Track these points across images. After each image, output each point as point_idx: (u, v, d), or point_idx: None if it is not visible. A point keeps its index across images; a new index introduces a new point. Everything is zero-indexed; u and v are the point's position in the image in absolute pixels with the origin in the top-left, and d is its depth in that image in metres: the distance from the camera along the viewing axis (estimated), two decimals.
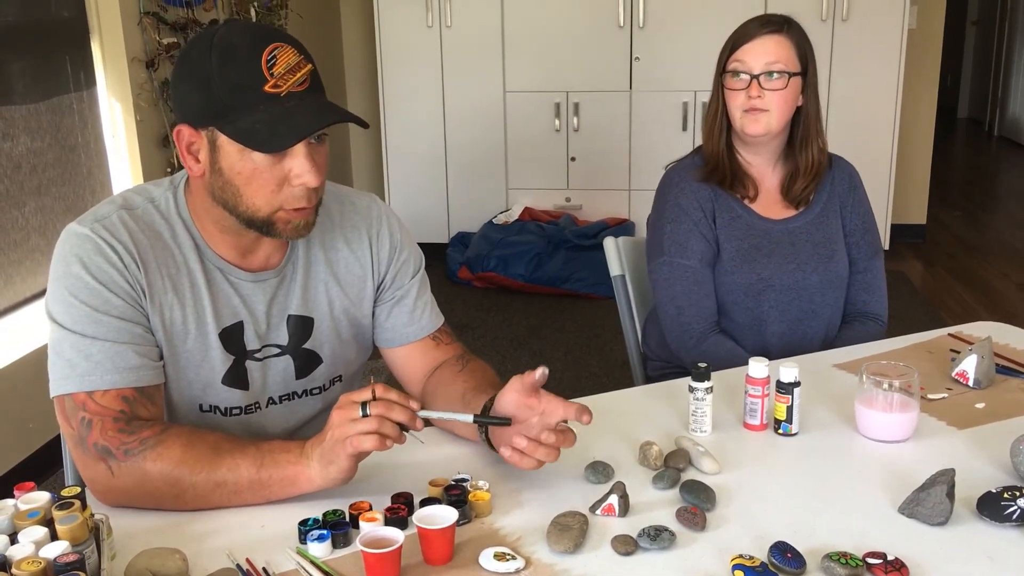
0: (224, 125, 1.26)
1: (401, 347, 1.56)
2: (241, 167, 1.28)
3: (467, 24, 4.98)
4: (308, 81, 1.28)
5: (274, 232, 1.33)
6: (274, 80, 1.25)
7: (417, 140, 5.19)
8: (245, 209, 1.31)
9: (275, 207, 1.30)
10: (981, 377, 1.63)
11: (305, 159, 1.27)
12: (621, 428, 1.50)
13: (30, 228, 3.11)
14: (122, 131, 3.57)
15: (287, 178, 1.29)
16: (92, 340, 1.28)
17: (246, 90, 1.24)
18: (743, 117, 1.90)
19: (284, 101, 1.25)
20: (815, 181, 1.98)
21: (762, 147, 1.97)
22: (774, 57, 1.87)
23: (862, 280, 2.04)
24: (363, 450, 1.21)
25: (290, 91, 1.26)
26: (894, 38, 4.73)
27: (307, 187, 1.29)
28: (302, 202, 1.31)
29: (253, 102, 1.24)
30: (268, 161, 1.27)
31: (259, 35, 1.27)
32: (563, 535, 1.17)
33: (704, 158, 2.01)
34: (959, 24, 9.68)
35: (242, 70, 1.24)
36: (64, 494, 1.07)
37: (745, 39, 1.90)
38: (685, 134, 4.95)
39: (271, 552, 1.17)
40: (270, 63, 1.25)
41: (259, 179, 1.28)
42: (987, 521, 1.21)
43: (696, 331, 1.95)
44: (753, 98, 1.87)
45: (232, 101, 1.25)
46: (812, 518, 1.24)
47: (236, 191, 1.30)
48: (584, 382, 3.68)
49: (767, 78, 1.87)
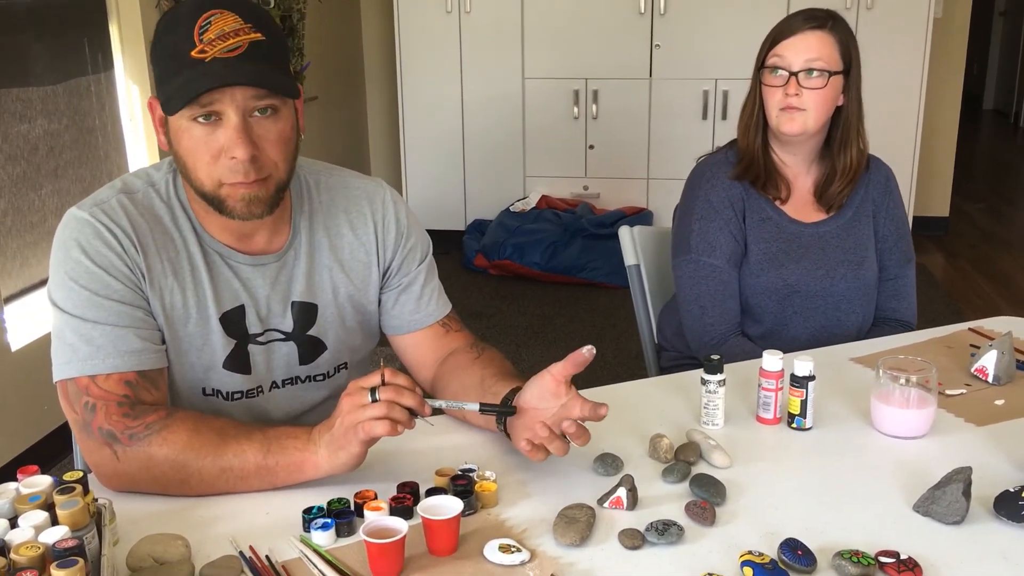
0: (159, 93, 1.27)
1: (409, 334, 1.54)
2: (180, 137, 1.27)
3: (486, 10, 4.95)
4: (243, 48, 1.23)
5: (225, 209, 1.30)
6: (201, 46, 1.22)
7: (435, 127, 5.17)
8: (195, 183, 1.30)
9: (216, 181, 1.28)
10: (1001, 373, 1.60)
11: (233, 130, 1.24)
12: (631, 420, 1.48)
13: (47, 210, 3.12)
14: (139, 114, 3.58)
15: (222, 150, 1.26)
16: (93, 324, 1.27)
17: (174, 57, 1.24)
18: (779, 115, 1.84)
19: (207, 66, 1.22)
20: (851, 185, 1.92)
21: (798, 147, 1.91)
22: (815, 54, 1.80)
23: (892, 287, 1.99)
24: (375, 435, 1.20)
25: (216, 57, 1.22)
26: (919, 27, 4.66)
27: (239, 160, 1.25)
28: (238, 176, 1.26)
29: (179, 68, 1.23)
30: (203, 131, 1.25)
31: (203, 3, 1.25)
32: (569, 528, 1.15)
33: (738, 155, 1.95)
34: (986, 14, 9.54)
35: (175, 37, 1.24)
36: (66, 478, 1.06)
37: (786, 34, 1.82)
38: (705, 123, 4.90)
39: (275, 540, 1.16)
40: (203, 29, 1.23)
41: (196, 150, 1.27)
42: (1004, 521, 1.19)
43: (718, 332, 1.91)
44: (790, 96, 1.81)
45: (163, 68, 1.26)
46: (824, 515, 1.22)
47: (183, 164, 1.30)
48: (598, 372, 3.65)
49: (806, 76, 1.80)
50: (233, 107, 1.24)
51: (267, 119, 1.27)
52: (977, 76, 9.88)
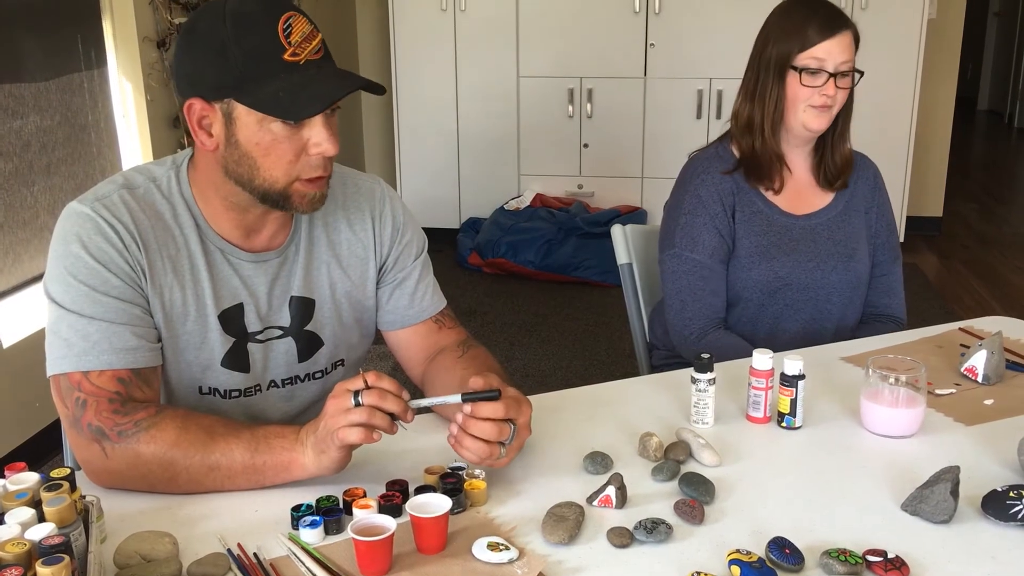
0: (242, 96, 1.25)
1: (402, 330, 1.55)
2: (260, 138, 1.27)
3: (481, 8, 4.95)
4: (323, 49, 1.28)
5: (289, 205, 1.32)
6: (292, 48, 1.24)
7: (430, 125, 5.17)
8: (262, 182, 1.30)
9: (292, 177, 1.29)
10: (990, 373, 1.60)
11: (323, 128, 1.27)
12: (622, 418, 1.48)
13: (39, 207, 3.11)
14: (132, 111, 3.57)
15: (305, 147, 1.28)
16: (90, 320, 1.27)
17: (265, 59, 1.23)
18: (808, 112, 1.86)
19: (304, 69, 1.25)
20: (850, 168, 1.98)
21: (806, 141, 1.95)
22: (848, 55, 1.85)
23: (884, 283, 2.02)
24: (349, 443, 1.19)
25: (308, 59, 1.25)
26: (913, 28, 4.67)
27: (324, 156, 1.29)
28: (319, 171, 1.30)
29: (273, 71, 1.23)
30: (287, 131, 1.26)
31: (271, 3, 1.26)
32: (558, 526, 1.15)
33: (738, 152, 1.95)
34: (981, 15, 9.56)
35: (260, 39, 1.23)
36: (53, 475, 1.06)
37: (819, 36, 1.83)
38: (700, 122, 4.91)
39: (263, 537, 1.16)
40: (287, 31, 1.24)
41: (278, 149, 1.27)
42: (991, 520, 1.19)
43: (697, 327, 1.92)
44: (829, 96, 1.84)
45: (251, 71, 1.24)
46: (813, 514, 1.22)
47: (253, 163, 1.29)
48: (592, 370, 3.67)
49: (842, 77, 1.85)
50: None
51: (334, 116, 1.31)
52: (971, 77, 9.90)
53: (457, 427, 1.23)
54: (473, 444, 1.21)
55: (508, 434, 1.23)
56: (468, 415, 1.22)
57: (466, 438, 1.22)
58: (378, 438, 1.20)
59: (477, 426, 1.21)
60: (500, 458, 1.23)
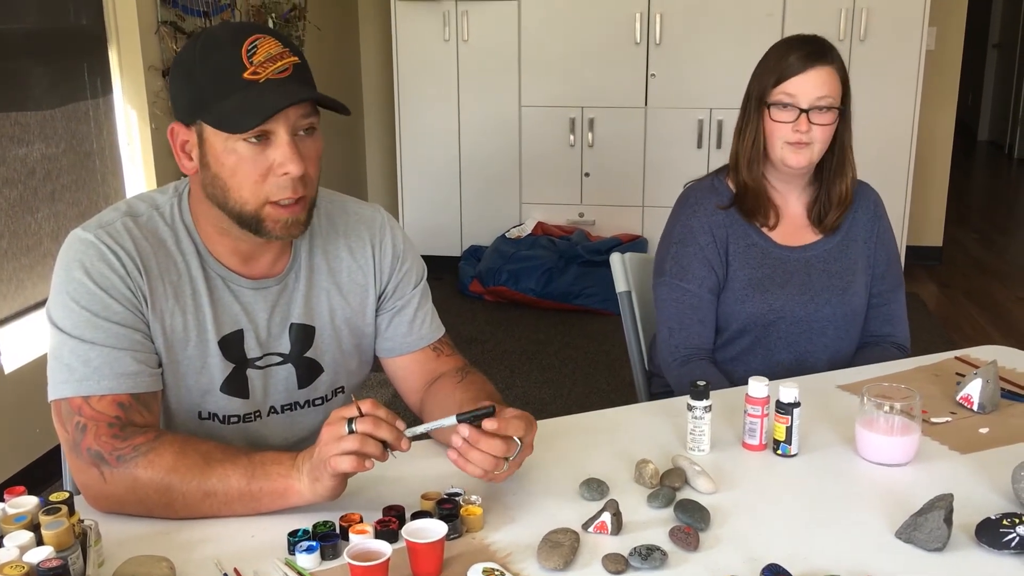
0: (206, 116, 1.28)
1: (400, 357, 1.55)
2: (225, 159, 1.28)
3: (484, 38, 5.00)
4: (290, 70, 1.28)
5: (263, 230, 1.32)
6: (253, 68, 1.25)
7: (432, 153, 5.20)
8: (234, 204, 1.31)
9: (261, 200, 1.30)
10: (986, 402, 1.61)
11: (287, 147, 1.27)
12: (618, 445, 1.49)
13: (43, 234, 3.14)
14: (137, 139, 3.60)
15: (271, 168, 1.28)
16: (91, 345, 1.28)
17: (225, 77, 1.25)
18: (785, 148, 1.85)
19: (262, 87, 1.25)
20: (848, 209, 1.95)
21: (795, 177, 1.93)
22: (824, 91, 1.82)
23: (885, 312, 2.00)
24: (340, 471, 1.20)
25: (269, 78, 1.26)
26: (912, 59, 4.71)
27: (291, 177, 1.28)
28: (287, 192, 1.29)
29: (232, 89, 1.25)
30: (251, 151, 1.27)
31: (243, 28, 1.29)
32: (553, 552, 1.16)
33: (730, 184, 1.96)
34: (980, 46, 9.63)
35: (222, 59, 1.26)
36: (52, 499, 1.07)
37: (794, 71, 1.82)
38: (700, 151, 4.94)
39: (259, 562, 1.16)
40: (250, 52, 1.26)
41: (243, 169, 1.28)
42: (985, 548, 1.19)
43: (681, 354, 1.93)
44: (801, 132, 1.82)
45: (213, 90, 1.26)
46: (807, 541, 1.23)
47: (223, 184, 1.30)
48: (592, 398, 3.67)
49: (816, 112, 1.82)
50: (285, 126, 1.27)
51: (309, 138, 1.31)
52: (971, 107, 9.95)
53: (461, 441, 1.23)
54: (480, 458, 1.22)
55: (514, 451, 1.24)
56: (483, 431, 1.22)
57: (473, 452, 1.22)
58: (370, 466, 1.20)
59: (487, 442, 1.22)
60: (500, 472, 1.24)
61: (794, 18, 4.65)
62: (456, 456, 1.23)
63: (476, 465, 1.23)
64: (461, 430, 1.23)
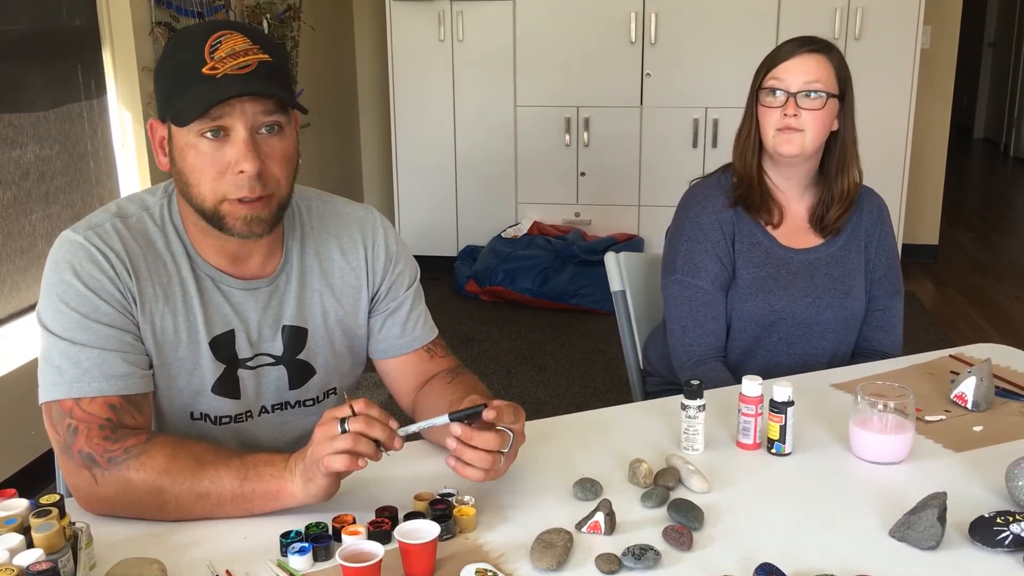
0: (167, 110, 1.28)
1: (393, 358, 1.55)
2: (187, 154, 1.28)
3: (479, 38, 5.00)
4: (253, 67, 1.26)
5: (225, 227, 1.31)
6: (212, 63, 1.25)
7: (428, 153, 5.20)
8: (197, 201, 1.30)
9: (219, 197, 1.29)
10: (980, 399, 1.61)
11: (243, 144, 1.26)
12: (612, 445, 1.48)
13: (37, 235, 3.13)
14: (131, 139, 3.59)
15: (228, 165, 1.28)
16: (81, 347, 1.28)
17: (185, 72, 1.26)
18: (776, 136, 1.84)
19: (218, 82, 1.24)
20: (848, 210, 1.93)
21: (793, 170, 1.92)
22: (813, 76, 1.82)
23: (880, 318, 1.99)
24: (334, 470, 1.19)
25: (227, 73, 1.24)
26: (907, 58, 4.71)
27: (247, 175, 1.27)
28: (243, 191, 1.28)
29: (190, 83, 1.25)
30: (210, 147, 1.27)
31: (213, 25, 1.28)
32: (546, 552, 1.16)
33: (733, 178, 1.96)
34: (976, 45, 9.65)
35: (185, 55, 1.26)
36: (42, 502, 1.07)
37: (784, 57, 1.84)
38: (696, 151, 4.94)
39: (251, 564, 1.16)
40: (213, 48, 1.25)
41: (201, 166, 1.28)
42: (979, 546, 1.19)
43: (696, 353, 1.92)
44: (789, 116, 1.82)
45: (174, 85, 1.27)
46: (801, 540, 1.22)
47: (186, 180, 1.30)
48: (588, 398, 3.67)
49: (805, 97, 1.82)
50: (242, 122, 1.26)
51: (273, 136, 1.30)
52: (967, 106, 9.97)
53: (456, 443, 1.22)
54: (478, 457, 1.21)
55: (508, 442, 1.24)
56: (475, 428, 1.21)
57: (468, 452, 1.21)
58: (364, 465, 1.20)
59: (480, 437, 1.21)
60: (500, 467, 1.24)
61: (789, 17, 4.66)
62: (455, 463, 1.23)
63: (476, 467, 1.22)
64: (454, 429, 1.23)
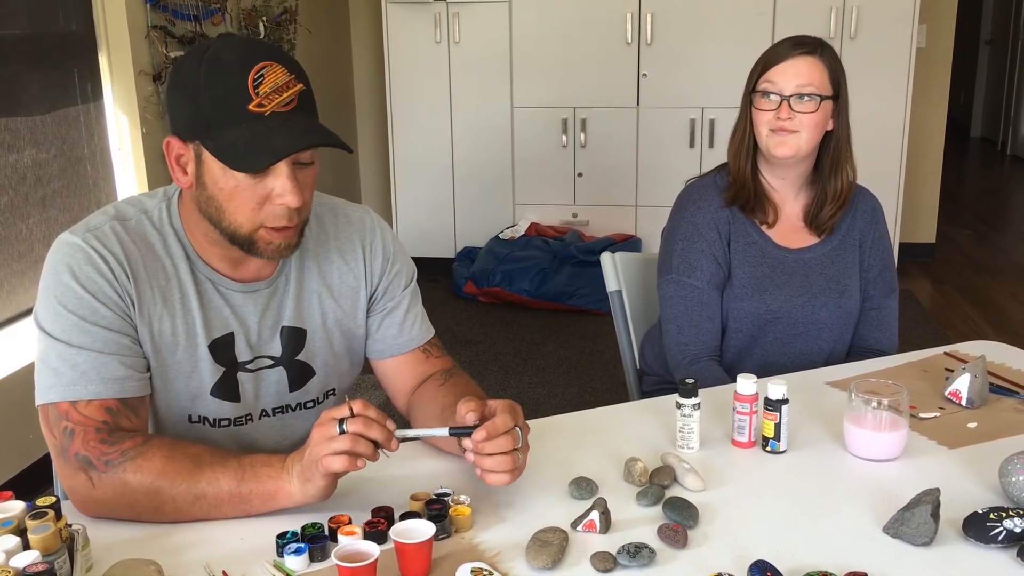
0: (207, 140, 1.27)
1: (390, 359, 1.56)
2: (223, 183, 1.28)
3: (475, 40, 5.00)
4: (295, 102, 1.27)
5: (255, 251, 1.33)
6: (259, 99, 1.24)
7: (425, 155, 5.20)
8: (228, 225, 1.31)
9: (256, 225, 1.30)
10: (974, 396, 1.61)
11: (287, 179, 1.27)
12: (607, 444, 1.49)
13: (34, 240, 3.13)
14: (128, 144, 3.60)
15: (269, 197, 1.28)
16: (78, 350, 1.28)
17: (230, 107, 1.24)
18: (770, 137, 1.85)
19: (267, 121, 1.24)
20: (842, 209, 1.94)
21: (788, 171, 1.92)
22: (806, 79, 1.83)
23: (875, 317, 2.00)
24: (332, 471, 1.20)
25: (275, 111, 1.25)
26: (902, 57, 4.72)
27: (288, 207, 1.29)
28: (283, 220, 1.30)
29: (236, 120, 1.24)
30: (250, 179, 1.27)
31: (250, 51, 1.27)
32: (542, 551, 1.16)
33: (728, 178, 1.97)
34: (972, 43, 9.65)
35: (228, 87, 1.24)
36: (39, 504, 1.07)
37: (778, 59, 1.85)
38: (692, 151, 4.94)
39: (248, 565, 1.16)
40: (256, 81, 1.24)
41: (240, 196, 1.28)
42: (972, 542, 1.20)
43: (691, 353, 1.92)
44: (782, 119, 1.83)
45: (216, 117, 1.25)
46: (795, 537, 1.23)
47: (219, 206, 1.30)
48: (586, 398, 3.67)
49: (798, 100, 1.83)
50: (287, 159, 1.27)
51: (307, 167, 1.31)
52: (964, 104, 9.98)
53: (472, 455, 1.24)
54: (497, 462, 1.23)
55: (519, 438, 1.25)
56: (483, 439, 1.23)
57: (486, 461, 1.23)
58: (362, 465, 1.21)
59: (491, 444, 1.23)
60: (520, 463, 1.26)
61: (785, 17, 4.66)
62: (480, 473, 1.24)
63: (499, 471, 1.23)
64: (466, 442, 1.24)
